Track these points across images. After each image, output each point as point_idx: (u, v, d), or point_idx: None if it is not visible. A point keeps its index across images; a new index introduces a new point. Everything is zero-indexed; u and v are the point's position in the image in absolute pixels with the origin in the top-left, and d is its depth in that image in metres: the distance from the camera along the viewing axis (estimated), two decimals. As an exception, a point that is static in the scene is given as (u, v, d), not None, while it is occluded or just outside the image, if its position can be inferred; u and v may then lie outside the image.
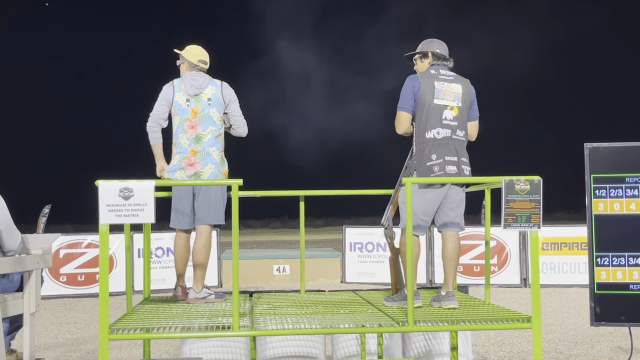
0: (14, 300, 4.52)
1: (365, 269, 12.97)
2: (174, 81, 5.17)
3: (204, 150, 5.02)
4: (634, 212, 4.99)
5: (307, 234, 5.97)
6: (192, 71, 5.16)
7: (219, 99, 5.08)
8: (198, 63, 5.17)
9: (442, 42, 5.00)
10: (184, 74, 5.20)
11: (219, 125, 5.09)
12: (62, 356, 7.03)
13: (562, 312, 9.48)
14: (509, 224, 4.08)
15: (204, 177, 4.99)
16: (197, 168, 5.01)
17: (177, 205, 5.08)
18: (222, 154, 5.12)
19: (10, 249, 4.56)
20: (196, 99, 5.06)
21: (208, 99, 5.06)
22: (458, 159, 4.71)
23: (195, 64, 5.17)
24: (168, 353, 7.04)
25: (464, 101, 4.80)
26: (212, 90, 5.08)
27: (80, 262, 11.88)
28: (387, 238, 5.13)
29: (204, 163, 5.01)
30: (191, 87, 5.07)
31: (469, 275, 12.19)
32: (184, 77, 5.13)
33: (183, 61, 5.23)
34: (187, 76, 5.12)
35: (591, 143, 5.09)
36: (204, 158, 5.02)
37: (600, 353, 6.78)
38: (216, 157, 5.05)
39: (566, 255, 12.25)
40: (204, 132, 5.04)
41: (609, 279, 4.99)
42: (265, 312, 4.65)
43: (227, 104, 5.15)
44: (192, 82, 5.08)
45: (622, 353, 6.72)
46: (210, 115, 5.06)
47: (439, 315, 4.34)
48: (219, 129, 5.10)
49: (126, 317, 4.45)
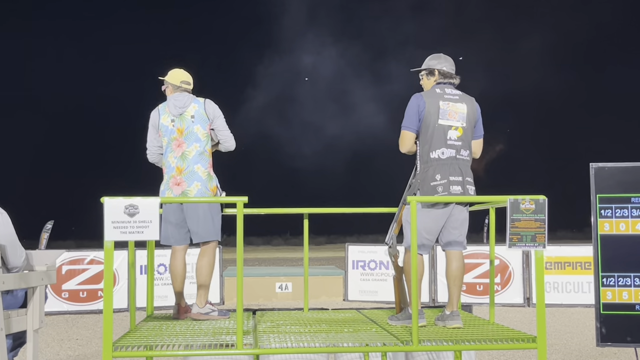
0: (17, 317, 4.51)
1: (368, 287, 12.93)
2: (159, 106, 5.25)
3: (189, 167, 5.03)
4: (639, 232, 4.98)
5: (309, 252, 5.96)
6: (176, 93, 5.21)
7: (202, 115, 5.10)
8: (181, 84, 5.23)
9: (449, 57, 5.00)
10: (168, 97, 5.25)
11: (203, 142, 5.09)
12: (63, 373, 6.99)
13: (566, 332, 9.43)
14: (514, 243, 4.08)
15: (190, 196, 5.00)
16: (183, 187, 5.02)
17: (166, 220, 5.11)
18: (208, 170, 5.09)
19: (15, 265, 4.55)
20: (180, 118, 5.10)
21: (192, 116, 5.09)
22: (462, 179, 4.71)
23: (178, 85, 5.23)
24: (170, 371, 7.01)
25: (469, 121, 4.80)
26: (194, 107, 5.11)
27: (82, 279, 11.86)
28: (391, 257, 5.12)
29: (190, 181, 5.02)
30: (175, 107, 5.12)
31: (472, 294, 12.14)
32: (168, 100, 5.21)
33: (167, 85, 5.28)
34: (171, 98, 5.19)
35: (597, 163, 5.10)
36: (189, 176, 5.02)
37: (605, 374, 6.73)
38: (202, 174, 5.04)
39: (570, 275, 12.22)
40: (189, 149, 5.06)
41: (614, 299, 4.97)
42: (269, 330, 4.64)
43: (212, 120, 5.14)
44: (175, 103, 5.14)
45: (627, 374, 6.67)
46: (195, 132, 5.07)
47: (443, 335, 4.33)
48: (204, 146, 5.09)
49: (129, 334, 4.44)
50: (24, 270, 4.64)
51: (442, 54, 5.01)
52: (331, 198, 43.40)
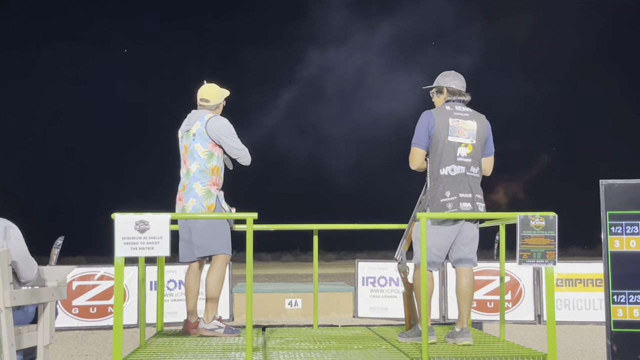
0: (28, 333, 4.52)
1: (378, 304, 12.88)
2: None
3: (189, 184, 5.07)
4: (650, 249, 4.96)
5: (319, 268, 5.96)
6: (196, 109, 5.24)
7: (202, 133, 5.08)
8: (199, 101, 5.25)
9: (460, 75, 5.01)
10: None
11: (204, 160, 5.09)
12: (73, 389, 6.99)
13: (577, 349, 9.36)
14: (524, 260, 4.07)
15: (187, 211, 5.03)
16: (183, 203, 5.07)
17: (181, 237, 5.16)
18: (207, 187, 5.07)
19: (28, 279, 4.57)
20: (186, 135, 5.14)
21: (193, 135, 5.11)
22: (472, 196, 4.70)
23: (198, 102, 5.25)
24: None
25: (479, 138, 4.81)
26: (197, 125, 5.11)
27: (92, 294, 11.87)
28: (400, 273, 5.12)
29: (187, 198, 5.05)
30: (185, 124, 5.19)
31: (483, 312, 12.07)
32: (188, 115, 5.25)
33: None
34: (189, 114, 5.23)
35: (606, 180, 5.09)
36: (188, 193, 5.06)
37: (617, 392, 6.68)
38: (199, 191, 5.04)
39: (581, 292, 12.14)
40: (191, 167, 5.09)
41: (625, 316, 4.95)
42: (278, 346, 4.64)
43: (215, 139, 5.10)
44: (186, 120, 5.20)
45: (639, 392, 6.61)
46: (195, 150, 5.09)
47: (453, 352, 4.32)
48: (204, 163, 5.09)
49: (139, 350, 4.45)
50: (36, 284, 4.66)
51: (453, 71, 5.03)
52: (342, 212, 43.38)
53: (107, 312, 11.73)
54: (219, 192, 5.13)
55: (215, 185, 5.10)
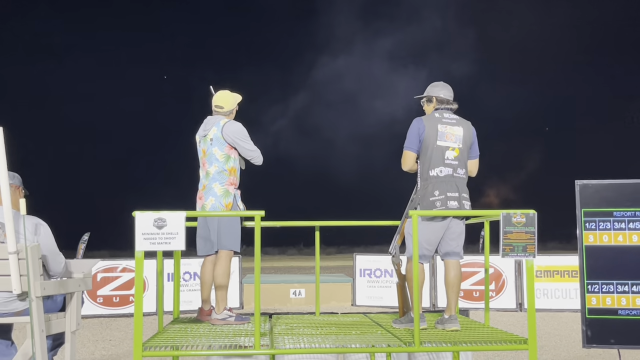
0: (57, 320, 4.52)
1: (374, 293, 12.89)
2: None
3: (209, 185, 5.04)
4: (621, 243, 4.96)
5: (320, 261, 5.96)
6: (211, 115, 5.23)
7: (219, 138, 5.05)
8: (214, 108, 5.23)
9: (447, 85, 5.01)
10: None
11: (222, 162, 5.06)
12: (98, 371, 7.00)
13: (555, 334, 9.35)
14: (506, 253, 4.06)
15: (207, 209, 5.01)
16: (203, 201, 5.05)
17: (198, 233, 5.15)
18: (225, 187, 5.04)
19: (56, 272, 4.58)
20: (204, 140, 5.11)
21: (211, 140, 5.06)
22: (459, 195, 4.70)
23: (213, 108, 5.23)
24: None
25: (465, 142, 4.81)
26: (214, 131, 5.06)
27: (115, 285, 11.89)
28: (394, 265, 5.11)
29: (206, 197, 5.03)
30: (202, 129, 5.15)
31: (469, 300, 12.07)
32: (204, 121, 5.23)
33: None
34: (205, 120, 5.21)
35: (582, 180, 5.08)
36: (207, 192, 5.04)
37: (591, 373, 6.66)
38: (218, 190, 5.02)
39: (558, 282, 12.13)
40: (210, 169, 5.07)
41: (599, 304, 4.94)
42: (284, 332, 4.63)
43: (231, 143, 5.06)
44: (203, 125, 5.17)
45: (611, 373, 6.60)
46: (213, 154, 5.06)
47: (442, 337, 4.31)
48: (222, 165, 5.06)
49: (158, 335, 4.45)
50: (64, 277, 4.67)
51: (441, 82, 5.02)
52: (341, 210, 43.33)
53: (128, 301, 11.75)
54: (236, 192, 5.12)
55: (232, 185, 5.10)
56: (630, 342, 4.89)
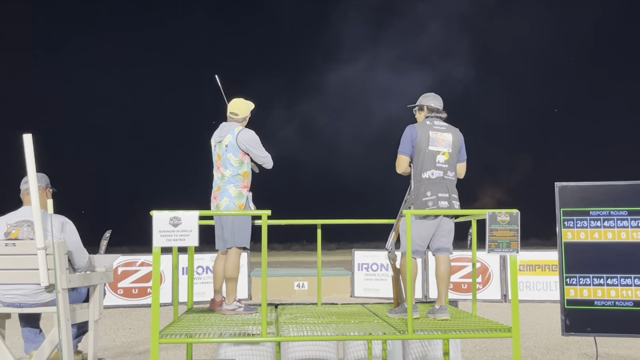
0: (81, 310, 4.53)
1: (371, 286, 12.87)
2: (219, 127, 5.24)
3: (224, 186, 5.03)
4: (597, 240, 4.95)
5: (322, 256, 5.95)
6: (226, 121, 5.21)
7: (234, 145, 5.04)
8: (229, 114, 5.21)
9: (438, 96, 5.00)
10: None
11: (236, 167, 5.05)
12: (118, 356, 7.00)
13: (537, 323, 9.33)
14: (492, 249, 4.06)
15: (221, 209, 5.00)
16: (217, 201, 5.04)
17: (216, 232, 5.14)
18: (239, 189, 5.03)
19: (80, 266, 4.58)
20: (219, 145, 5.09)
21: (226, 146, 5.05)
22: (449, 195, 4.70)
23: (228, 114, 5.21)
24: (207, 355, 6.99)
25: (454, 147, 4.80)
26: (229, 138, 5.05)
27: (134, 278, 11.89)
28: (390, 260, 5.10)
29: (221, 197, 5.02)
30: (218, 135, 5.13)
31: (458, 292, 12.05)
32: (220, 125, 5.19)
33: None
34: (220, 125, 5.18)
35: (561, 182, 5.08)
36: (222, 193, 5.03)
37: (570, 358, 6.66)
38: (232, 192, 5.02)
39: (539, 276, 12.12)
40: (225, 172, 5.05)
41: (577, 296, 4.93)
42: (288, 321, 4.63)
43: (244, 150, 5.05)
44: (218, 131, 5.14)
45: (587, 358, 6.60)
46: (228, 159, 5.05)
47: (433, 326, 4.30)
48: (237, 170, 5.05)
49: (173, 324, 4.44)
50: (87, 270, 4.67)
51: (432, 93, 5.02)
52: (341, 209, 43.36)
53: (146, 293, 11.75)
54: (249, 194, 5.12)
55: (246, 188, 5.09)
56: (605, 330, 4.88)
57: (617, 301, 4.86)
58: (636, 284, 4.84)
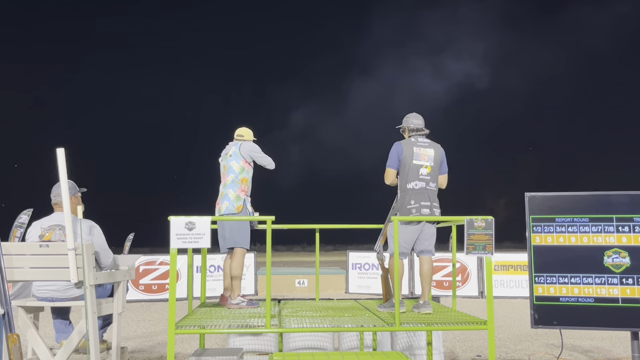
0: (106, 304, 4.51)
1: (363, 283, 12.85)
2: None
3: (225, 192, 5.06)
4: (562, 243, 4.95)
5: (320, 256, 5.94)
6: (232, 141, 5.31)
7: (237, 153, 5.12)
8: (236, 136, 5.32)
9: (419, 115, 5.02)
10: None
11: (237, 172, 5.08)
12: (139, 345, 6.97)
13: (509, 317, 9.31)
14: (470, 251, 4.05)
15: (222, 212, 5.01)
16: (219, 206, 5.06)
17: (219, 233, 5.16)
18: (237, 193, 5.03)
19: (106, 265, 4.57)
20: (225, 158, 5.19)
21: (230, 155, 5.15)
22: (430, 204, 4.71)
23: (235, 136, 5.32)
24: (217, 344, 6.97)
25: (436, 161, 4.81)
26: (233, 149, 5.17)
27: (154, 275, 11.86)
28: (379, 260, 5.10)
29: (222, 201, 5.05)
30: (224, 152, 5.25)
31: (440, 289, 12.03)
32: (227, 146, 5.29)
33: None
34: (227, 145, 5.28)
35: (530, 192, 5.09)
36: (223, 198, 5.05)
37: (539, 348, 6.65)
38: (231, 196, 5.02)
39: (512, 275, 12.11)
40: (228, 179, 5.10)
41: (544, 293, 4.92)
42: (290, 314, 4.62)
43: (246, 157, 5.11)
44: (226, 148, 5.26)
45: (554, 348, 6.59)
46: (231, 166, 5.10)
47: (418, 319, 4.29)
48: (237, 175, 5.07)
49: (188, 317, 4.43)
50: (112, 269, 4.66)
51: (414, 113, 5.03)
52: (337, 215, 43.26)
53: (164, 289, 11.71)
54: (247, 197, 5.13)
55: (244, 192, 5.11)
56: (570, 323, 4.87)
57: (579, 298, 4.86)
58: (596, 282, 4.84)
